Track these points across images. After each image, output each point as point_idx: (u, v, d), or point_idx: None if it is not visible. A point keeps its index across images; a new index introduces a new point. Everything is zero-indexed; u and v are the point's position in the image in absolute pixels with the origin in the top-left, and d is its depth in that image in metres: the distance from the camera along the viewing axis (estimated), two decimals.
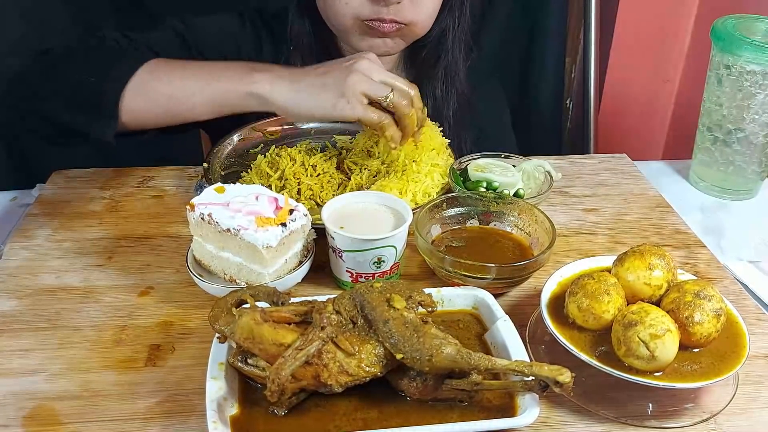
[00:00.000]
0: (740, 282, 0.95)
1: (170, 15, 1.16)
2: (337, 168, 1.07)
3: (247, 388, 0.72)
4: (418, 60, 1.24)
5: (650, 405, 0.74)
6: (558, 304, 0.78)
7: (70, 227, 1.01)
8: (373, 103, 0.94)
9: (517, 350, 0.75)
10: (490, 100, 1.35)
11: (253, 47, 1.19)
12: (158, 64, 0.98)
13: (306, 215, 0.86)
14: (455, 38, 1.20)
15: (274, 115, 1.18)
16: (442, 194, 1.01)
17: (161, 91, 0.96)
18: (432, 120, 1.11)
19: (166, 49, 1.08)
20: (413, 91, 0.97)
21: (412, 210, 0.89)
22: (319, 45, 1.18)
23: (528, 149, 1.17)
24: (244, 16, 1.22)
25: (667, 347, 0.69)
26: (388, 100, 0.94)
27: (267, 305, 0.75)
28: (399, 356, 0.69)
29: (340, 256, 0.86)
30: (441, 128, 1.11)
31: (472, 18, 1.22)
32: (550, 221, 0.91)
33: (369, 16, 1.07)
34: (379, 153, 1.06)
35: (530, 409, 0.68)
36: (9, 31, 1.33)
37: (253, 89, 0.94)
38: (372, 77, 0.94)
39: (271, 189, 0.94)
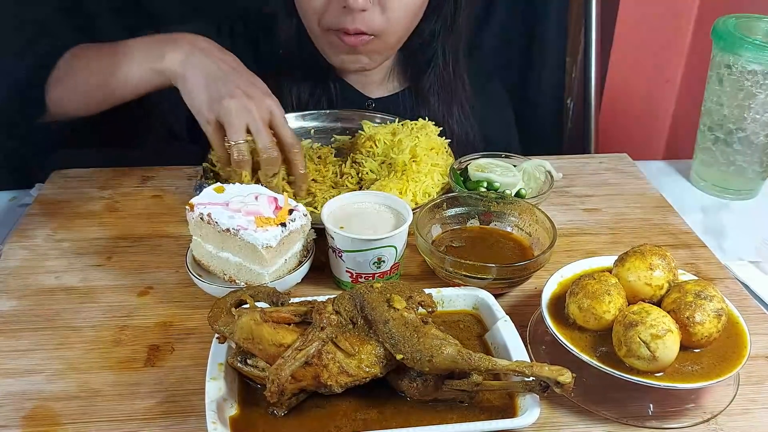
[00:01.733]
0: (741, 282, 0.95)
1: (168, 15, 1.16)
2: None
3: (247, 389, 0.72)
4: (409, 70, 1.24)
5: (651, 405, 0.74)
6: (559, 304, 0.78)
7: (70, 227, 1.01)
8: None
9: (518, 351, 0.75)
10: (492, 100, 1.35)
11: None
12: (78, 51, 0.97)
13: (306, 215, 0.86)
14: (446, 45, 1.19)
15: None
16: (443, 194, 1.01)
17: (81, 78, 0.96)
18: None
19: None
20: (276, 154, 0.94)
21: (412, 210, 0.89)
22: (307, 50, 1.17)
23: (529, 149, 1.17)
24: (224, 25, 1.21)
25: (668, 347, 0.69)
26: (231, 146, 0.92)
27: (267, 305, 0.75)
28: (399, 357, 0.69)
29: (340, 256, 0.86)
30: (445, 137, 1.11)
31: (470, 21, 1.21)
32: (551, 221, 0.91)
33: (332, 26, 1.06)
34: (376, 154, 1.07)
35: (531, 410, 0.68)
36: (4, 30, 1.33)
37: (157, 65, 0.93)
38: (240, 118, 0.91)
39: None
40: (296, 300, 0.77)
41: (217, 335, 0.73)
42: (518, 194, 1.02)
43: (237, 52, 1.20)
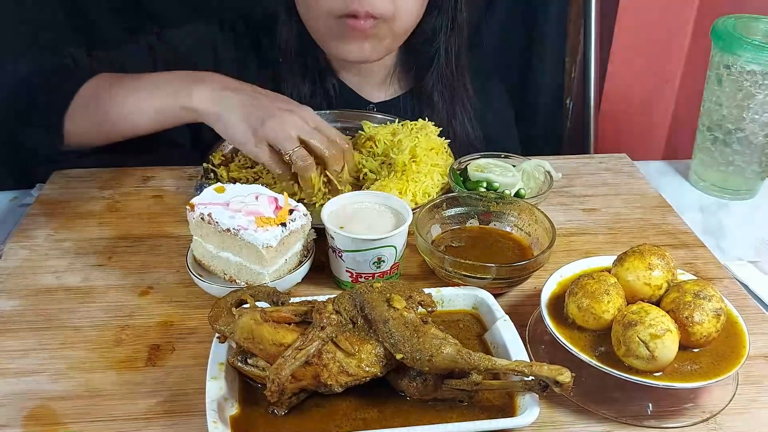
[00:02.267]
0: (740, 282, 0.95)
1: (167, 15, 1.16)
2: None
3: (247, 388, 0.73)
4: (412, 70, 1.24)
5: (650, 405, 0.74)
6: (558, 304, 0.78)
7: (70, 227, 1.01)
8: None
9: (517, 350, 0.75)
10: (492, 100, 1.35)
11: (234, 56, 1.19)
12: (100, 81, 0.99)
13: (306, 215, 0.86)
14: (449, 42, 1.18)
15: None
16: (442, 194, 1.01)
17: (101, 110, 0.97)
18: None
19: (134, 64, 1.08)
20: (330, 151, 0.97)
21: (412, 210, 0.89)
22: (307, 51, 1.17)
23: (528, 149, 1.17)
24: (224, 24, 1.21)
25: (667, 347, 0.69)
26: (291, 156, 0.94)
27: (267, 305, 0.75)
28: (399, 356, 0.69)
29: (340, 256, 0.86)
30: (446, 138, 1.11)
31: (472, 17, 1.21)
32: (550, 221, 0.91)
33: (342, 11, 1.05)
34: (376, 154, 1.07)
35: (530, 409, 0.68)
36: (3, 31, 1.33)
37: (187, 104, 0.95)
38: (289, 130, 0.93)
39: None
40: (296, 300, 0.77)
41: (217, 335, 0.74)
42: (518, 194, 1.03)
43: (238, 53, 1.20)
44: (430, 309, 0.76)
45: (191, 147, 1.19)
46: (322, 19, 1.08)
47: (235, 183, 0.92)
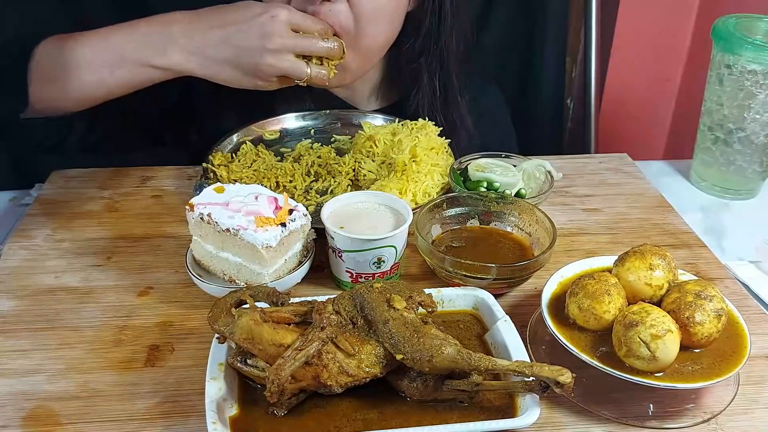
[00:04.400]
0: (741, 282, 0.95)
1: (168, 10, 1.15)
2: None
3: (247, 389, 0.72)
4: (396, 91, 1.22)
5: (651, 405, 0.74)
6: (559, 304, 0.78)
7: (69, 227, 1.01)
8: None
9: (518, 351, 0.75)
10: (487, 108, 1.32)
11: None
12: (55, 43, 0.92)
13: (306, 215, 0.86)
14: (431, 66, 1.14)
15: (272, 114, 1.18)
16: (442, 194, 1.01)
17: (70, 77, 0.91)
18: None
19: None
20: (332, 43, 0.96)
21: (412, 210, 0.89)
22: None
23: (529, 149, 1.17)
24: None
25: (668, 347, 0.69)
26: (303, 81, 0.94)
27: (266, 305, 0.75)
28: (399, 357, 0.69)
29: (340, 256, 0.86)
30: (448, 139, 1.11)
31: (462, 39, 1.16)
32: (551, 221, 0.91)
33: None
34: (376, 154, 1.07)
35: (531, 410, 0.68)
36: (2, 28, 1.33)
37: (159, 62, 0.91)
38: (286, 58, 0.92)
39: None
40: (296, 300, 0.77)
41: (217, 335, 0.73)
42: (518, 194, 1.02)
43: None
44: (430, 309, 0.76)
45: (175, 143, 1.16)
46: None
47: (235, 183, 0.92)
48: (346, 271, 0.87)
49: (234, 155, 1.10)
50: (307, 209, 0.89)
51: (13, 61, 0.91)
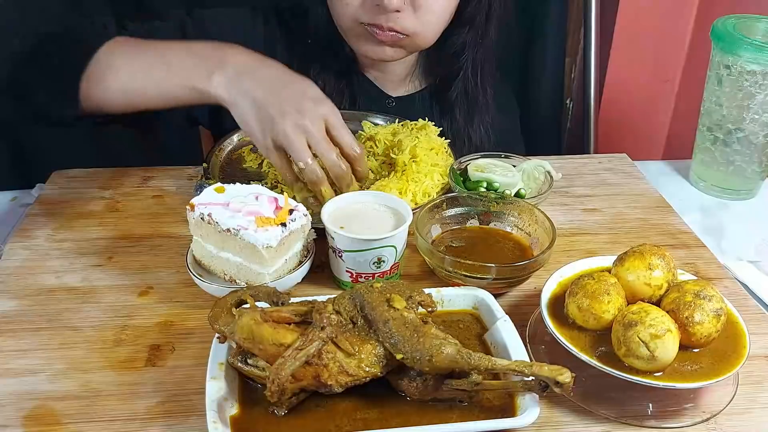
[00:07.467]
0: (740, 282, 0.95)
1: (171, 10, 1.15)
2: None
3: (247, 388, 0.72)
4: (435, 72, 1.24)
5: (650, 405, 0.74)
6: (558, 304, 0.78)
7: (70, 227, 1.01)
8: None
9: (517, 350, 0.75)
10: (505, 106, 1.35)
11: (265, 44, 1.17)
12: (117, 45, 0.93)
13: (306, 215, 0.86)
14: (476, 58, 1.19)
15: None
16: (442, 194, 1.01)
17: (117, 81, 0.92)
18: (454, 142, 1.13)
19: (162, 39, 1.04)
20: (345, 166, 0.92)
21: (412, 210, 0.89)
22: (334, 40, 1.16)
23: (528, 149, 1.17)
24: (258, 10, 1.20)
25: (667, 347, 0.69)
26: (303, 171, 0.90)
27: (267, 305, 0.75)
28: (399, 356, 0.69)
29: (340, 256, 0.86)
30: (456, 143, 1.12)
31: (502, 35, 1.20)
32: (550, 221, 0.91)
33: (367, 21, 1.06)
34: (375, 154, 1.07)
35: (530, 410, 0.68)
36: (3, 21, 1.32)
37: (201, 86, 0.91)
38: (300, 138, 0.88)
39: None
40: (296, 300, 0.77)
41: (217, 335, 0.73)
42: (518, 194, 1.03)
43: (268, 37, 1.19)
44: (430, 309, 0.76)
45: (209, 128, 1.15)
46: (347, 20, 1.08)
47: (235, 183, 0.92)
48: (347, 271, 0.87)
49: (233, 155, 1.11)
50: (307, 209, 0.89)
51: (73, 56, 0.92)
